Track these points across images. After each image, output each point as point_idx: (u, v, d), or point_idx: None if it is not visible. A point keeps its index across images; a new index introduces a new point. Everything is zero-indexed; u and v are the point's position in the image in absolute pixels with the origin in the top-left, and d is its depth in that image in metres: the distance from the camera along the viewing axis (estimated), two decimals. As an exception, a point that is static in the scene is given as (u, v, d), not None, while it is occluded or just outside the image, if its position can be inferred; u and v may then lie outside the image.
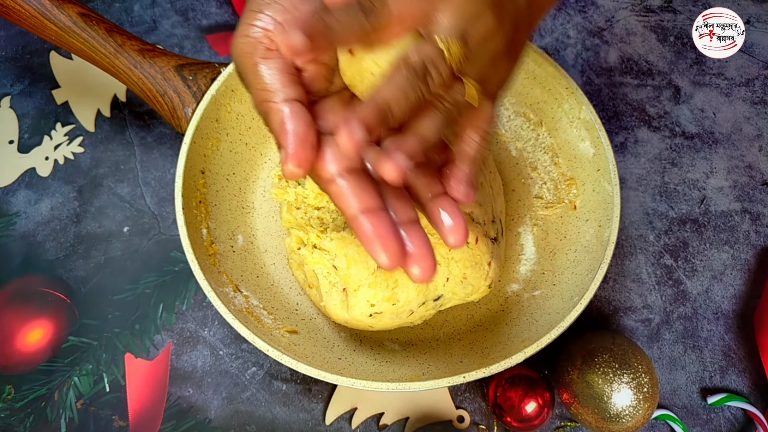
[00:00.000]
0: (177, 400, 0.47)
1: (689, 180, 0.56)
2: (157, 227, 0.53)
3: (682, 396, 0.48)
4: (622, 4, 0.65)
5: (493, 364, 0.37)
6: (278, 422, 0.46)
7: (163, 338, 0.49)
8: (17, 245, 0.53)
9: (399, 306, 0.40)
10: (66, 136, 0.57)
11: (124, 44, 0.47)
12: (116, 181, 0.55)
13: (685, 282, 0.52)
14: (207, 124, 0.47)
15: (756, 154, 0.57)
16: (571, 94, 0.47)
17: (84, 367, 0.47)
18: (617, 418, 0.41)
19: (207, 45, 0.62)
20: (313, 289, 0.44)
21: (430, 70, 0.28)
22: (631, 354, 0.43)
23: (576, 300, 0.40)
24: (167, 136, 0.57)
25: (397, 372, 0.41)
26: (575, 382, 0.43)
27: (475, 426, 0.46)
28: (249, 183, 0.51)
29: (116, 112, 0.59)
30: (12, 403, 0.46)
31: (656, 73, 0.61)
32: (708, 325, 0.50)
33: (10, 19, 0.47)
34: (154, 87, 0.47)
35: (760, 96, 0.60)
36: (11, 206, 0.54)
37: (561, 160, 0.49)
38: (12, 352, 0.46)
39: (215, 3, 0.65)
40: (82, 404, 0.47)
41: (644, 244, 0.53)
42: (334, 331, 0.45)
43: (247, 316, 0.41)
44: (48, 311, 0.47)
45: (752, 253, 0.53)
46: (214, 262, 0.44)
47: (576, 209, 0.47)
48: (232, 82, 0.48)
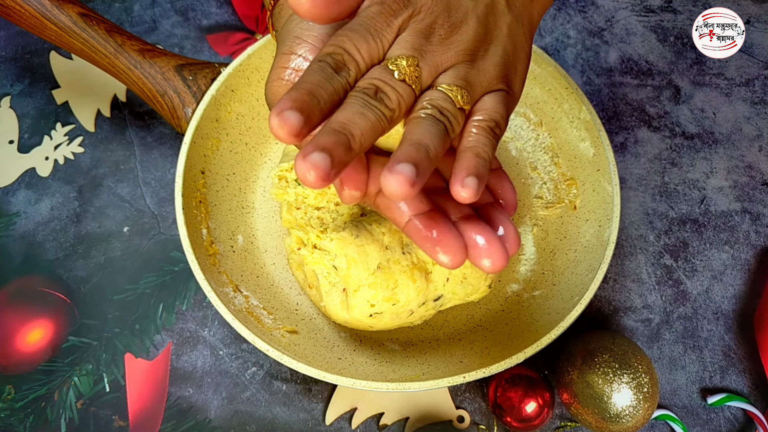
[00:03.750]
0: (177, 400, 0.47)
1: (689, 180, 0.56)
2: (157, 227, 0.53)
3: (682, 396, 0.48)
4: (622, 4, 0.65)
5: (493, 364, 0.37)
6: (278, 422, 0.46)
7: (163, 338, 0.49)
8: (17, 245, 0.53)
9: (399, 306, 0.40)
10: (66, 136, 0.57)
11: (124, 44, 0.47)
12: (116, 181, 0.55)
13: (685, 282, 0.52)
14: (207, 124, 0.47)
15: (756, 154, 0.57)
16: (571, 94, 0.48)
17: (84, 367, 0.47)
18: (617, 418, 0.41)
19: (207, 45, 0.62)
20: (313, 289, 0.44)
21: (452, 124, 0.27)
22: (631, 354, 0.43)
23: (576, 300, 0.40)
24: (167, 136, 0.57)
25: (397, 372, 0.41)
26: (575, 382, 0.43)
27: (475, 426, 0.46)
28: (249, 183, 0.51)
29: (116, 112, 0.59)
30: (12, 403, 0.46)
31: (656, 73, 0.61)
32: (708, 325, 0.50)
33: (10, 19, 0.47)
34: (154, 87, 0.47)
35: (760, 96, 0.60)
36: (11, 206, 0.54)
37: (561, 160, 0.49)
38: (12, 352, 0.46)
39: (215, 3, 0.65)
40: (82, 404, 0.47)
41: (644, 244, 0.53)
42: (334, 331, 0.45)
43: (247, 316, 0.41)
44: (48, 311, 0.47)
45: (752, 253, 0.53)
46: (214, 262, 0.44)
47: (576, 209, 0.47)
48: (232, 82, 0.48)
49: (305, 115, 0.23)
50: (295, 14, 0.34)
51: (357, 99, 0.25)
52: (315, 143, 0.22)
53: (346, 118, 0.24)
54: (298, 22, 0.33)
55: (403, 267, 0.40)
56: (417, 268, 0.40)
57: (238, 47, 0.62)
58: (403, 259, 0.40)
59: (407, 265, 0.40)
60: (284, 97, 0.23)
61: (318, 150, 0.22)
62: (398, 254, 0.40)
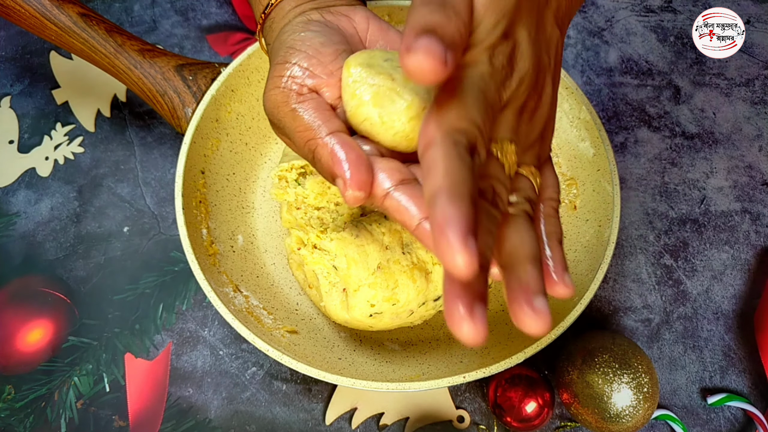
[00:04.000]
0: (177, 400, 0.47)
1: (689, 180, 0.56)
2: (157, 227, 0.53)
3: (682, 396, 0.48)
4: (622, 4, 0.65)
5: (493, 364, 0.37)
6: (278, 422, 0.46)
7: (163, 338, 0.49)
8: (17, 245, 0.53)
9: (399, 306, 0.40)
10: (66, 136, 0.57)
11: (124, 44, 0.47)
12: (116, 181, 0.55)
13: (685, 282, 0.52)
14: (207, 124, 0.47)
15: (756, 154, 0.57)
16: (571, 94, 0.48)
17: (84, 367, 0.47)
18: (617, 418, 0.41)
19: (207, 45, 0.62)
20: (313, 289, 0.44)
21: (499, 193, 0.24)
22: (631, 354, 0.43)
23: (576, 300, 0.40)
24: (167, 136, 0.57)
25: (397, 372, 0.41)
26: (575, 382, 0.43)
27: (475, 426, 0.46)
28: (249, 183, 0.51)
29: (116, 112, 0.59)
30: (12, 403, 0.46)
31: (656, 73, 0.61)
32: (708, 325, 0.50)
33: (10, 19, 0.47)
34: (154, 87, 0.47)
35: (760, 96, 0.60)
36: (11, 206, 0.54)
37: (561, 160, 0.49)
38: (12, 352, 0.46)
39: (215, 3, 0.65)
40: (82, 404, 0.47)
41: (644, 244, 0.53)
42: (334, 331, 0.45)
43: (247, 316, 0.41)
44: (48, 311, 0.47)
45: (752, 253, 0.53)
46: (214, 262, 0.44)
47: (576, 209, 0.47)
48: (232, 82, 0.48)
49: (474, 236, 0.19)
50: (287, 26, 0.34)
51: (482, 213, 0.23)
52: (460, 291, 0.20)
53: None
54: (291, 34, 0.33)
55: (403, 267, 0.40)
56: (417, 268, 0.40)
57: (238, 47, 0.62)
58: (403, 259, 0.40)
59: (407, 265, 0.40)
60: (454, 218, 0.19)
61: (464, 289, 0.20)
62: (398, 254, 0.40)
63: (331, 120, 0.30)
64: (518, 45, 0.25)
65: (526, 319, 0.22)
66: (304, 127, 0.30)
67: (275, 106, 0.32)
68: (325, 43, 0.33)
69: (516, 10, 0.25)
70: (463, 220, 0.19)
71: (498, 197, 0.24)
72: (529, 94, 0.26)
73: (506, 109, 0.26)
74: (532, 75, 0.26)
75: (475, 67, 0.24)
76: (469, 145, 0.22)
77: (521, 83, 0.26)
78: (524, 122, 0.27)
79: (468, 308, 0.20)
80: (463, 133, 0.22)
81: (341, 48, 0.33)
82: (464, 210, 0.19)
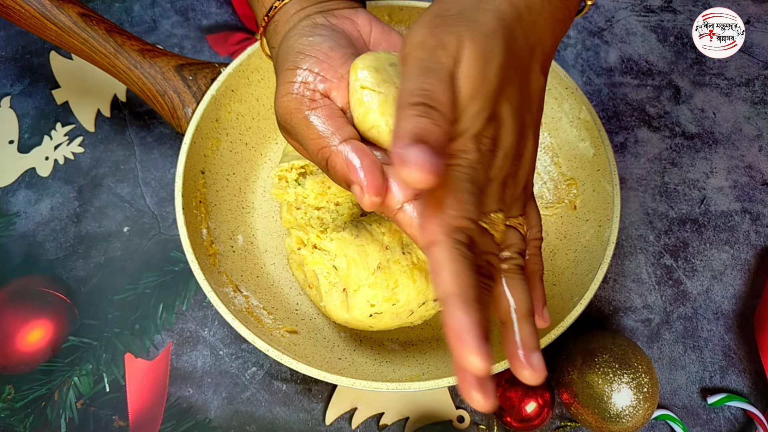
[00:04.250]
0: (177, 400, 0.47)
1: (689, 180, 0.56)
2: (157, 227, 0.53)
3: (682, 396, 0.48)
4: (622, 4, 0.65)
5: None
6: (278, 422, 0.46)
7: (163, 338, 0.49)
8: (17, 245, 0.53)
9: (399, 306, 0.40)
10: (66, 136, 0.57)
11: (124, 44, 0.47)
12: (116, 181, 0.55)
13: (685, 282, 0.52)
14: (207, 124, 0.47)
15: (756, 154, 0.57)
16: (571, 94, 0.48)
17: (84, 367, 0.47)
18: (617, 418, 0.41)
19: (207, 45, 0.62)
20: (313, 289, 0.44)
21: (493, 264, 0.27)
22: (631, 354, 0.43)
23: (576, 300, 0.40)
24: (167, 136, 0.57)
25: (397, 372, 0.41)
26: (575, 382, 0.43)
27: (475, 426, 0.46)
28: (249, 183, 0.51)
29: (116, 112, 0.59)
30: (12, 403, 0.46)
31: (656, 73, 0.61)
32: (708, 325, 0.50)
33: (10, 19, 0.47)
34: (154, 87, 0.47)
35: (760, 96, 0.60)
36: (11, 206, 0.54)
37: (561, 160, 0.49)
38: (12, 352, 0.46)
39: (215, 3, 0.65)
40: (82, 404, 0.47)
41: (644, 244, 0.53)
42: (334, 331, 0.45)
43: (247, 316, 0.41)
44: (48, 311, 0.47)
45: (752, 253, 0.53)
46: (214, 262, 0.44)
47: (576, 209, 0.47)
48: (232, 82, 0.48)
49: (487, 340, 0.23)
50: (293, 30, 0.34)
51: (482, 290, 0.26)
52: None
53: None
54: (298, 38, 0.33)
55: (403, 267, 0.40)
56: (417, 268, 0.40)
57: (238, 47, 0.62)
58: (403, 259, 0.40)
59: (407, 265, 0.40)
60: (468, 327, 0.22)
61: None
62: (398, 254, 0.40)
63: (344, 128, 0.31)
64: (502, 123, 0.27)
65: (524, 373, 0.26)
66: (317, 135, 0.31)
67: (288, 113, 0.32)
68: (333, 47, 0.33)
69: (499, 89, 0.26)
70: (476, 328, 0.22)
71: (492, 268, 0.27)
72: (512, 162, 0.28)
73: (492, 182, 0.28)
74: (515, 145, 0.28)
75: (464, 155, 0.26)
76: (468, 241, 0.25)
77: (506, 157, 0.28)
78: (509, 187, 0.29)
79: (480, 390, 0.23)
80: (462, 231, 0.25)
81: (349, 51, 0.33)
82: (475, 317, 0.23)
